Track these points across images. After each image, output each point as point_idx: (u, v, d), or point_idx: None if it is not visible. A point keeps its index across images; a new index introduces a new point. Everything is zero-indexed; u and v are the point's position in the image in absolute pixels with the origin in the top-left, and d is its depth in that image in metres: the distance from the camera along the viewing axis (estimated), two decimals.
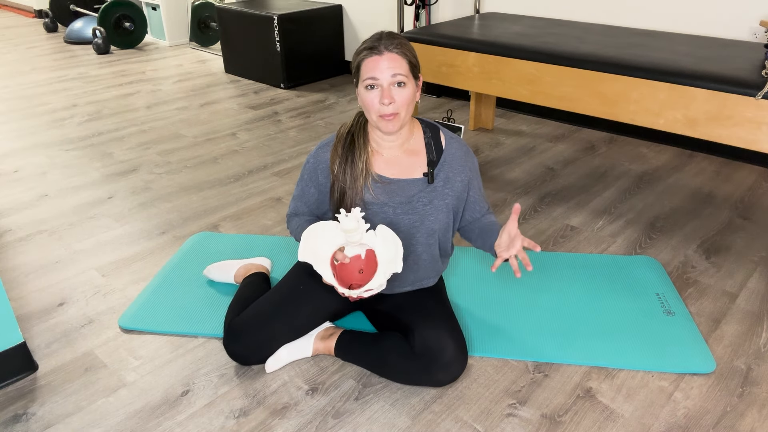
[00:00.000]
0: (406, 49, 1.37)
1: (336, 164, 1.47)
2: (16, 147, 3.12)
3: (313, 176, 1.52)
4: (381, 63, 1.34)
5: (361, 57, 1.37)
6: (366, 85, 1.37)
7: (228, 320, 1.59)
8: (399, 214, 1.48)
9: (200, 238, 2.20)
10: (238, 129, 3.36)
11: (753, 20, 2.59)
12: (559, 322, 1.74)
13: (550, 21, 2.79)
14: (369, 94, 1.37)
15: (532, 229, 2.26)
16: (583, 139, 3.12)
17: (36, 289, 1.94)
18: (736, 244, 2.14)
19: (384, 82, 1.35)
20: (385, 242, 1.37)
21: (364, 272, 1.37)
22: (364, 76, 1.37)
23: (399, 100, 1.36)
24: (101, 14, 5.10)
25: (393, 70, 1.34)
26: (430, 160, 1.49)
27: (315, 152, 1.52)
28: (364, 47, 1.38)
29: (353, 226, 1.31)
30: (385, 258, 1.36)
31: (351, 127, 1.49)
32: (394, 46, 1.35)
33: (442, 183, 1.49)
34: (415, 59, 1.40)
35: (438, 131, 1.53)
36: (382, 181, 1.47)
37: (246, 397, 1.50)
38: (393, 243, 1.36)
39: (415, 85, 1.41)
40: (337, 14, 4.20)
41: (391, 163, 1.49)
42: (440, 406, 1.46)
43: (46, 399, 1.51)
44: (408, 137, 1.49)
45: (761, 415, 1.44)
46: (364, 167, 1.45)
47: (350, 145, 1.47)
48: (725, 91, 1.82)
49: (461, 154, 1.52)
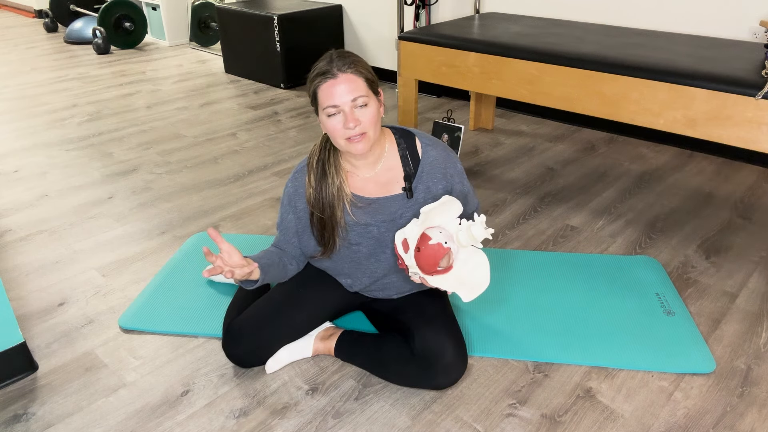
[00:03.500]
0: (360, 67, 1.31)
1: (310, 193, 1.43)
2: (16, 147, 3.12)
3: (292, 202, 1.49)
4: (337, 87, 1.28)
5: (316, 83, 1.31)
6: (327, 113, 1.31)
7: (227, 322, 1.59)
8: (384, 232, 1.46)
9: (200, 238, 2.20)
10: (238, 129, 3.36)
11: (753, 20, 2.59)
12: (559, 322, 1.74)
13: (550, 21, 2.79)
14: (332, 120, 1.31)
15: (532, 229, 2.26)
16: (583, 139, 3.12)
17: (36, 289, 1.94)
18: (736, 244, 2.14)
19: (345, 106, 1.29)
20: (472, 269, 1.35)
21: (440, 267, 1.35)
22: (323, 104, 1.31)
23: (364, 121, 1.31)
24: (101, 14, 5.10)
25: (352, 93, 1.28)
26: (406, 173, 1.44)
27: (292, 177, 1.49)
28: (316, 73, 1.31)
29: (480, 237, 1.28)
30: (458, 274, 1.34)
31: (320, 154, 1.44)
32: (347, 66, 1.29)
33: (423, 194, 1.45)
34: (371, 75, 1.34)
35: (413, 139, 1.47)
36: (361, 202, 1.44)
37: (246, 397, 1.50)
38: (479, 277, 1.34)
39: (377, 100, 1.36)
40: (337, 14, 4.20)
41: (368, 182, 1.45)
42: (440, 406, 1.46)
43: (46, 399, 1.51)
44: (381, 154, 1.44)
45: (761, 415, 1.44)
46: (339, 192, 1.41)
47: (322, 173, 1.42)
48: (725, 91, 1.82)
49: (440, 160, 1.46)
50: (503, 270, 1.98)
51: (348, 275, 1.55)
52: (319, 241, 1.48)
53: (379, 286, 1.56)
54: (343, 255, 1.51)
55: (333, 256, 1.51)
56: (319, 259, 1.55)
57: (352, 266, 1.53)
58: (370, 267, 1.52)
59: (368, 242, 1.48)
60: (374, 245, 1.48)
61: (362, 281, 1.55)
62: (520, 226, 2.27)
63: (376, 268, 1.52)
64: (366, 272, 1.53)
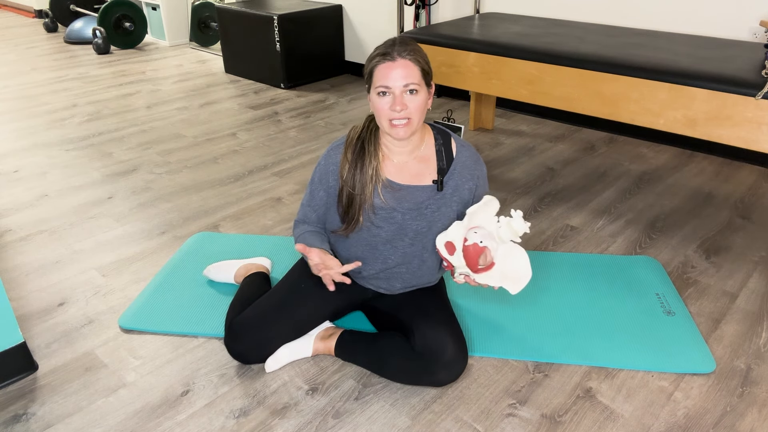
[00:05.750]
0: (419, 56, 1.37)
1: (345, 169, 1.46)
2: (16, 147, 3.12)
3: (324, 179, 1.51)
4: (393, 71, 1.34)
5: (374, 63, 1.37)
6: (378, 92, 1.37)
7: (229, 320, 1.59)
8: (407, 219, 1.48)
9: (200, 238, 2.20)
10: (238, 129, 3.36)
11: (753, 20, 2.59)
12: (559, 322, 1.74)
13: (550, 21, 2.79)
14: (381, 100, 1.37)
15: (532, 229, 2.26)
16: (583, 139, 3.12)
17: (36, 289, 1.94)
18: (736, 244, 2.14)
19: (396, 89, 1.34)
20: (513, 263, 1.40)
21: (480, 266, 1.41)
22: (376, 83, 1.37)
23: (411, 107, 1.36)
24: (101, 14, 5.10)
25: (405, 79, 1.34)
26: (440, 167, 1.48)
27: (326, 154, 1.52)
28: (377, 53, 1.37)
29: (521, 230, 1.35)
30: (502, 269, 1.40)
31: (361, 133, 1.48)
32: (407, 52, 1.35)
33: (451, 191, 1.49)
34: (427, 66, 1.40)
35: (449, 138, 1.52)
36: (392, 186, 1.47)
37: (246, 397, 1.50)
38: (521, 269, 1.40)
39: (427, 92, 1.41)
40: (337, 14, 4.20)
41: (402, 169, 1.48)
42: (440, 406, 1.46)
43: (46, 399, 1.51)
44: (419, 144, 1.49)
45: (761, 415, 1.44)
46: (374, 173, 1.45)
47: (360, 151, 1.46)
48: (725, 91, 1.82)
49: (471, 162, 1.51)
50: None
51: (361, 258, 1.55)
52: (342, 218, 1.50)
53: (387, 275, 1.56)
54: (361, 237, 1.52)
55: (352, 235, 1.52)
56: (338, 236, 1.56)
57: (367, 249, 1.53)
58: (385, 253, 1.53)
59: (390, 227, 1.49)
60: (395, 231, 1.50)
61: (374, 267, 1.55)
62: None
63: (390, 255, 1.53)
64: (379, 258, 1.54)
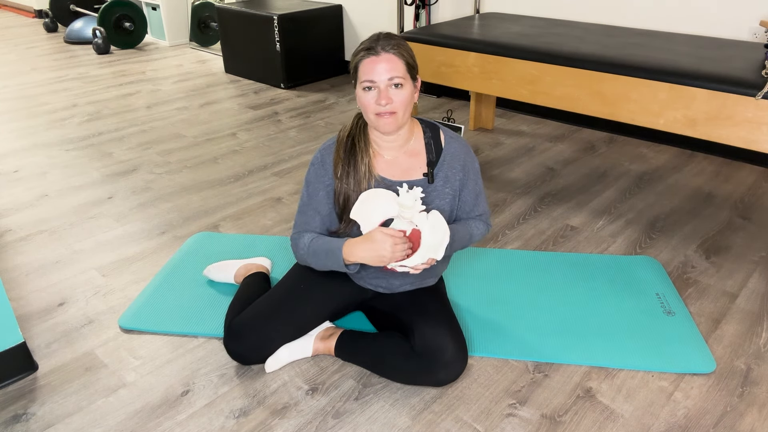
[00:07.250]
0: (403, 50, 1.38)
1: (339, 167, 1.47)
2: (16, 147, 3.12)
3: (321, 177, 1.51)
4: (378, 65, 1.35)
5: (359, 58, 1.38)
6: (364, 86, 1.38)
7: (228, 320, 1.59)
8: None
9: (200, 238, 2.20)
10: (238, 129, 3.36)
11: (753, 20, 2.59)
12: (559, 322, 1.74)
13: (550, 21, 2.79)
14: (366, 95, 1.38)
15: (532, 229, 2.26)
16: (583, 139, 3.12)
17: (36, 289, 1.94)
18: (736, 244, 2.14)
19: (381, 83, 1.36)
20: (433, 228, 1.39)
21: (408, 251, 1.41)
22: (361, 78, 1.38)
23: (396, 101, 1.37)
24: (101, 14, 5.10)
25: (390, 72, 1.35)
26: (429, 160, 1.49)
27: (319, 154, 1.52)
28: (361, 48, 1.39)
29: (410, 203, 1.34)
30: (428, 242, 1.39)
31: (351, 130, 1.50)
32: (391, 47, 1.36)
33: (442, 182, 1.50)
34: (412, 60, 1.41)
35: (438, 131, 1.54)
36: (384, 183, 1.47)
37: (246, 397, 1.50)
38: (441, 231, 1.39)
39: (413, 86, 1.42)
40: (337, 14, 4.20)
41: (392, 164, 1.49)
42: (440, 406, 1.46)
43: (46, 399, 1.51)
44: (408, 138, 1.50)
45: (761, 415, 1.44)
46: (367, 170, 1.45)
47: (351, 149, 1.47)
48: (725, 91, 1.82)
49: (461, 153, 1.52)
50: (503, 270, 1.98)
51: None
52: (340, 217, 1.50)
53: (386, 273, 1.56)
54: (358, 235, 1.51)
55: (351, 232, 1.51)
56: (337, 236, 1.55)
57: None
58: None
59: None
60: None
61: None
62: (520, 226, 2.27)
63: None
64: None
